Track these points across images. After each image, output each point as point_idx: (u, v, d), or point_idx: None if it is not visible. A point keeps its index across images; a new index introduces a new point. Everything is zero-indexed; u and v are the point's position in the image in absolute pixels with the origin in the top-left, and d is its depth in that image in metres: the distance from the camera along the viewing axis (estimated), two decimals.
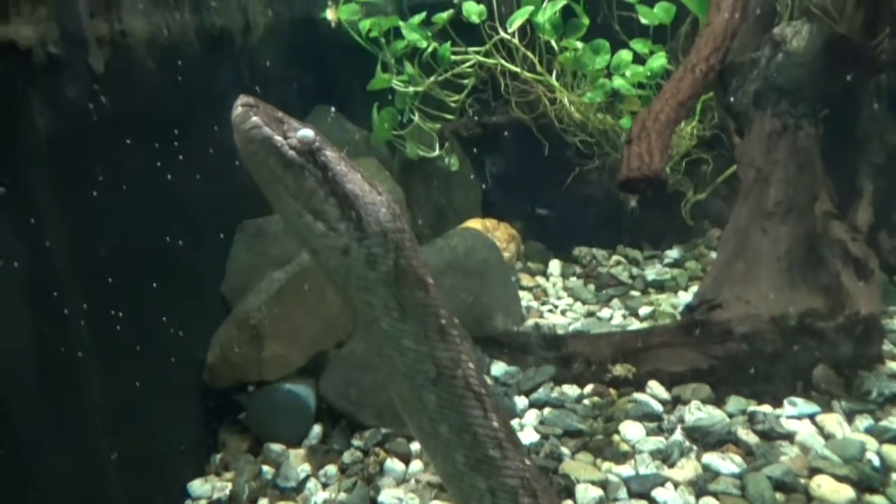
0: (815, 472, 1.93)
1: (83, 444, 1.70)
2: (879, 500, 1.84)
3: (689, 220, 3.40)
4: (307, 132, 1.24)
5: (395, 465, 2.12)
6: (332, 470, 2.12)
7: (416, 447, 2.17)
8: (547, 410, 2.33)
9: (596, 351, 2.50)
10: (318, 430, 2.27)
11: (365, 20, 3.22)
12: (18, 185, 1.49)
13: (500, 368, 2.55)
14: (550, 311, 3.05)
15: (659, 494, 1.92)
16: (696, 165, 3.37)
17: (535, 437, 2.19)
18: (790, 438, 2.10)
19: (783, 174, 2.51)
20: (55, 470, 1.59)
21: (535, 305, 3.08)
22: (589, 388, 2.42)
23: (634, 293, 3.15)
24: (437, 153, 3.43)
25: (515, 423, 2.27)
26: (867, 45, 2.40)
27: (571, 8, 3.17)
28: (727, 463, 2.01)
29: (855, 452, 1.98)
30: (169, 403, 2.05)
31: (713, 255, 3.21)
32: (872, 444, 2.03)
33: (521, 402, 2.38)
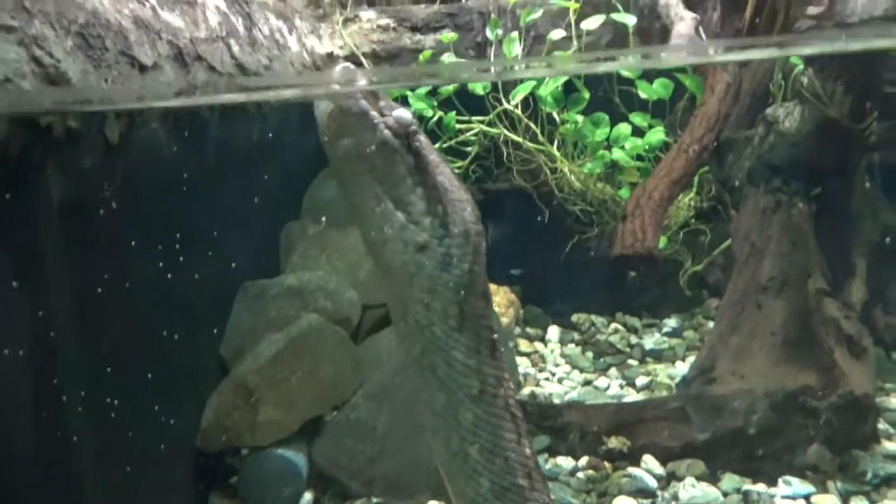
0: None
1: None
2: None
3: (686, 289, 3.44)
4: (405, 113, 1.16)
5: None
6: None
7: None
8: None
9: (591, 422, 2.50)
10: (309, 496, 2.26)
11: None
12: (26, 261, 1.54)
13: None
14: (547, 378, 3.06)
15: None
16: (694, 236, 3.42)
17: None
18: None
19: (777, 250, 2.56)
20: None
21: (532, 372, 3.09)
22: (584, 460, 2.41)
23: (632, 362, 3.16)
24: None
25: None
26: (856, 127, 2.48)
27: (573, 82, 3.29)
28: None
29: None
30: (161, 468, 2.05)
31: (711, 325, 3.23)
32: None
33: None
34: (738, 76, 2.81)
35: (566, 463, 2.41)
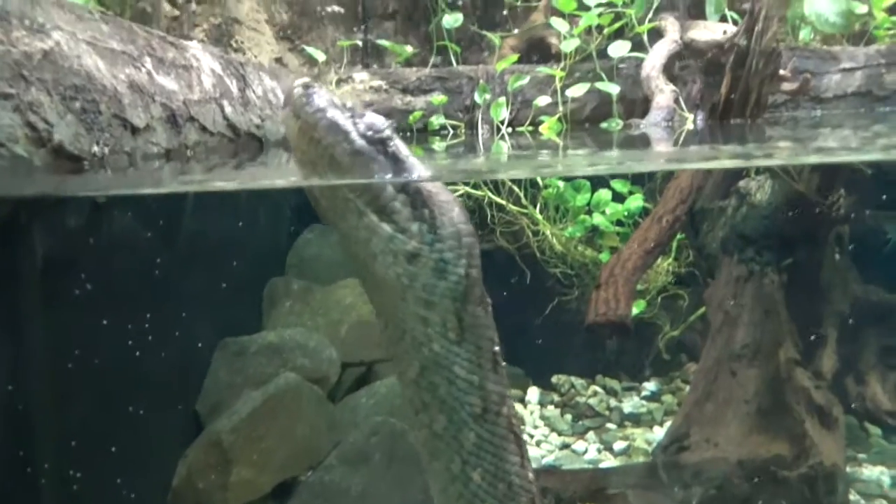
0: None
1: None
2: None
3: (665, 353, 3.48)
4: (376, 118, 1.08)
5: None
6: None
7: None
8: None
9: (567, 488, 2.49)
10: None
11: None
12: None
13: None
14: (526, 441, 3.05)
15: None
16: (672, 300, 3.48)
17: None
18: None
19: (750, 318, 2.61)
20: None
21: None
22: None
23: (611, 426, 3.17)
24: None
25: None
26: (823, 202, 2.57)
27: None
28: None
29: None
30: None
31: (688, 389, 3.26)
32: None
33: None
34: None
35: None
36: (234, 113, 2.84)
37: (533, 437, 3.10)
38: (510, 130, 3.73)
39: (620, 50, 3.57)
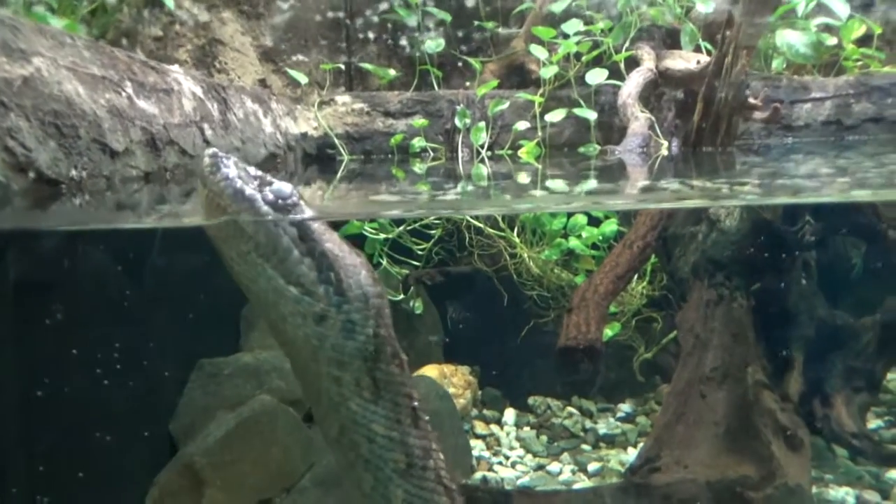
0: None
1: None
2: None
3: (639, 375, 3.52)
4: (283, 185, 1.12)
5: None
6: None
7: None
8: None
9: None
10: None
11: None
12: None
13: None
14: (501, 462, 3.08)
15: None
16: (647, 323, 3.54)
17: None
18: None
19: (719, 342, 2.67)
20: None
21: (486, 455, 3.11)
22: None
23: (585, 447, 3.20)
24: (401, 297, 3.59)
25: None
26: (789, 229, 2.65)
27: None
28: None
29: None
30: None
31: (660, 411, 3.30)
32: None
33: None
34: None
35: None
36: (214, 136, 2.87)
37: (509, 458, 3.12)
38: (490, 154, 3.80)
39: (598, 77, 3.67)
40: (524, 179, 2.89)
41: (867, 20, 3.86)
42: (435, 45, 4.03)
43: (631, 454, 3.09)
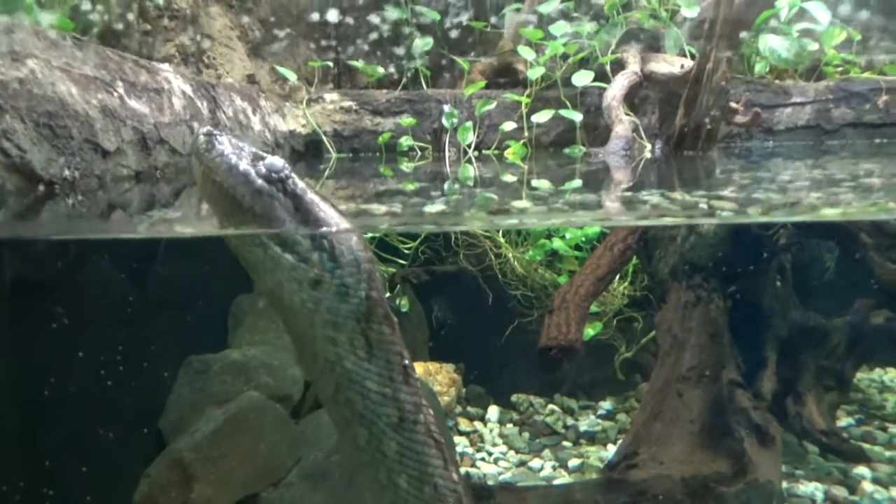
0: None
1: None
2: None
3: (620, 374, 3.60)
4: (275, 160, 1.19)
5: None
6: None
7: None
8: None
9: None
10: None
11: None
12: None
13: None
14: (483, 459, 3.14)
15: None
16: (628, 323, 3.62)
17: None
18: None
19: (696, 342, 2.75)
20: None
21: (470, 452, 3.18)
22: None
23: (566, 443, 3.27)
24: (388, 295, 3.64)
25: None
26: (764, 233, 2.73)
27: None
28: None
29: None
30: None
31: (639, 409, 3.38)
32: None
33: None
34: None
35: None
36: None
37: (492, 454, 3.18)
38: (477, 153, 3.85)
39: (584, 79, 3.72)
40: (509, 180, 2.94)
41: (847, 27, 3.94)
42: (423, 44, 4.07)
43: (610, 450, 3.16)
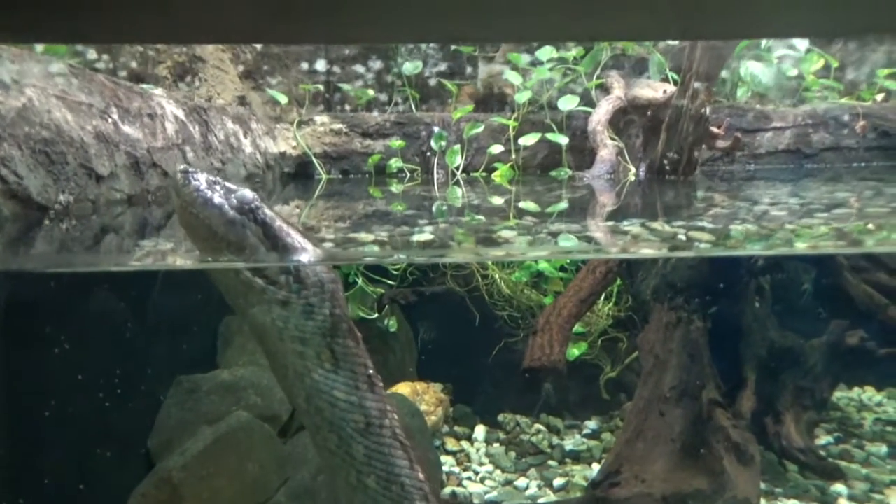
0: None
1: None
2: None
3: (605, 393, 3.65)
4: (246, 192, 1.31)
5: None
6: None
7: None
8: None
9: None
10: None
11: None
12: None
13: None
14: (470, 478, 3.17)
15: None
16: (613, 342, 3.68)
17: None
18: None
19: (677, 362, 2.80)
20: None
21: (456, 471, 3.21)
22: None
23: (552, 463, 3.31)
24: (376, 315, 3.68)
25: None
26: (744, 256, 2.80)
27: None
28: None
29: None
30: None
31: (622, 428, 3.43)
32: None
33: None
34: None
35: None
36: (195, 158, 2.96)
37: (478, 473, 3.22)
38: (465, 176, 3.93)
39: (569, 103, 3.82)
40: (497, 202, 3.00)
41: (825, 54, 4.07)
42: (413, 67, 4.16)
43: (595, 469, 3.20)
